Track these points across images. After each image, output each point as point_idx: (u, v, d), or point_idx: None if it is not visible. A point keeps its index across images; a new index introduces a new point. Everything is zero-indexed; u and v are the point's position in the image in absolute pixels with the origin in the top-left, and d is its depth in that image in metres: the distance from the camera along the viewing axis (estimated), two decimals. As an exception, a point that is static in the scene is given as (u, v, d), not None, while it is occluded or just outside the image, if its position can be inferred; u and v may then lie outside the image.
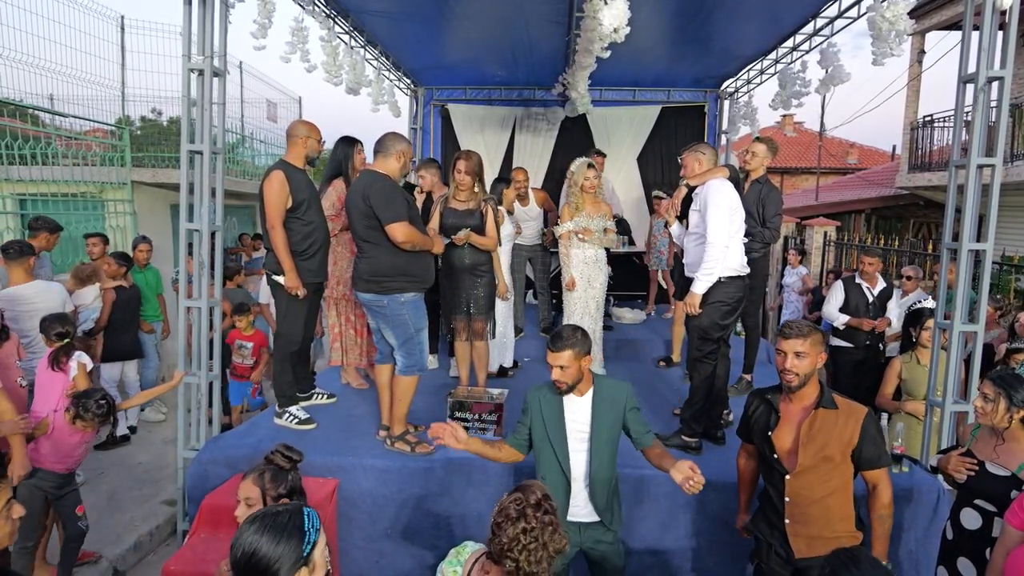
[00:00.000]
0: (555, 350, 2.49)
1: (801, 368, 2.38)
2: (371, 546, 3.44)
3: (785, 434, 2.47)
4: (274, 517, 1.49)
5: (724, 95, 7.95)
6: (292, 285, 3.64)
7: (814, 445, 2.39)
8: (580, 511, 2.61)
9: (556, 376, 2.51)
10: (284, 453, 2.18)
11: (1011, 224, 10.13)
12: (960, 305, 3.37)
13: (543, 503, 1.89)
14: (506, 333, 4.99)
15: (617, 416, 2.58)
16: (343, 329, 4.56)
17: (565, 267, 4.83)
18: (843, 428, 2.37)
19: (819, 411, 2.41)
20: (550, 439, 2.58)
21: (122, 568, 3.80)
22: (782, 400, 2.51)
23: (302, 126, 3.80)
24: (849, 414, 2.39)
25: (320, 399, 4.30)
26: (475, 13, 5.21)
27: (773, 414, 2.52)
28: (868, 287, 4.99)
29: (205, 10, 3.53)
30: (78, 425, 3.22)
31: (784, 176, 22.74)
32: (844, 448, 2.37)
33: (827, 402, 2.41)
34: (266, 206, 3.59)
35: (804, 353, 2.37)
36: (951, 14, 10.76)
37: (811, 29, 5.60)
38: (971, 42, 3.31)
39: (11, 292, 4.15)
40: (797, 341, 2.38)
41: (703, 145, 3.75)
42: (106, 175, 7.05)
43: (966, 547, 2.55)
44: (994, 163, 3.30)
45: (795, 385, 2.40)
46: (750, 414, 2.63)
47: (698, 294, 3.46)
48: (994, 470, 2.51)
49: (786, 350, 2.40)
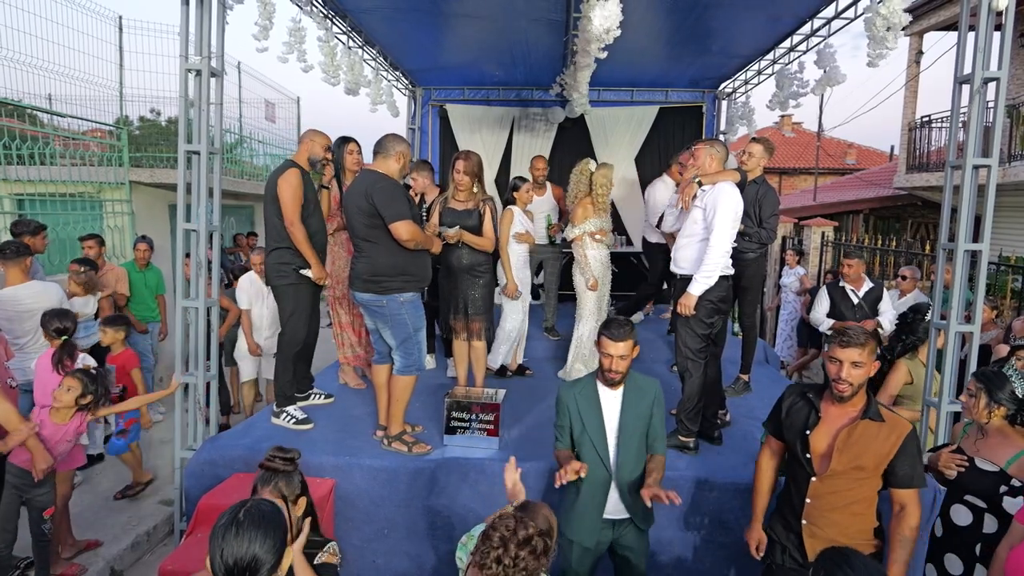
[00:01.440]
0: (615, 339, 2.48)
1: (856, 378, 2.27)
2: (368, 546, 3.44)
3: (822, 436, 2.37)
4: (259, 517, 1.57)
5: (722, 95, 7.96)
6: (320, 275, 3.83)
7: (850, 453, 2.30)
8: (612, 507, 2.62)
9: (614, 366, 2.51)
10: (281, 456, 2.17)
11: (1008, 225, 10.15)
12: (956, 306, 3.38)
13: (532, 540, 1.79)
14: (522, 330, 5.00)
15: (645, 409, 2.60)
16: (342, 329, 4.57)
17: (585, 268, 4.84)
18: (883, 442, 2.27)
19: (863, 421, 2.30)
20: (589, 434, 2.59)
21: (119, 568, 3.80)
22: (824, 401, 2.41)
23: (309, 131, 3.94)
24: (892, 428, 2.29)
25: (318, 399, 4.31)
26: (473, 13, 5.21)
27: (813, 413, 2.42)
28: (852, 289, 4.95)
29: (203, 11, 3.53)
30: (63, 379, 3.26)
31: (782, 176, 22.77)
32: (879, 461, 2.28)
33: (873, 414, 2.30)
34: (283, 203, 3.64)
35: (861, 363, 2.26)
36: (949, 15, 10.77)
37: (808, 30, 5.61)
38: (967, 43, 3.31)
39: (7, 293, 4.14)
40: (855, 350, 2.25)
41: (718, 143, 3.71)
42: (104, 175, 7.05)
43: (955, 543, 2.57)
44: (990, 164, 3.31)
45: (847, 395, 2.30)
46: (786, 409, 2.52)
47: (694, 295, 3.47)
48: (983, 466, 2.53)
49: (843, 359, 2.27)
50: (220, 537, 1.54)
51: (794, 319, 7.37)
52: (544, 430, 3.90)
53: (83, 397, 3.32)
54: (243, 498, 2.10)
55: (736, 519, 3.26)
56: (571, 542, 2.66)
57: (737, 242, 3.98)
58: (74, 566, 3.58)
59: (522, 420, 4.05)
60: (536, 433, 3.84)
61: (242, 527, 1.55)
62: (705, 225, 3.52)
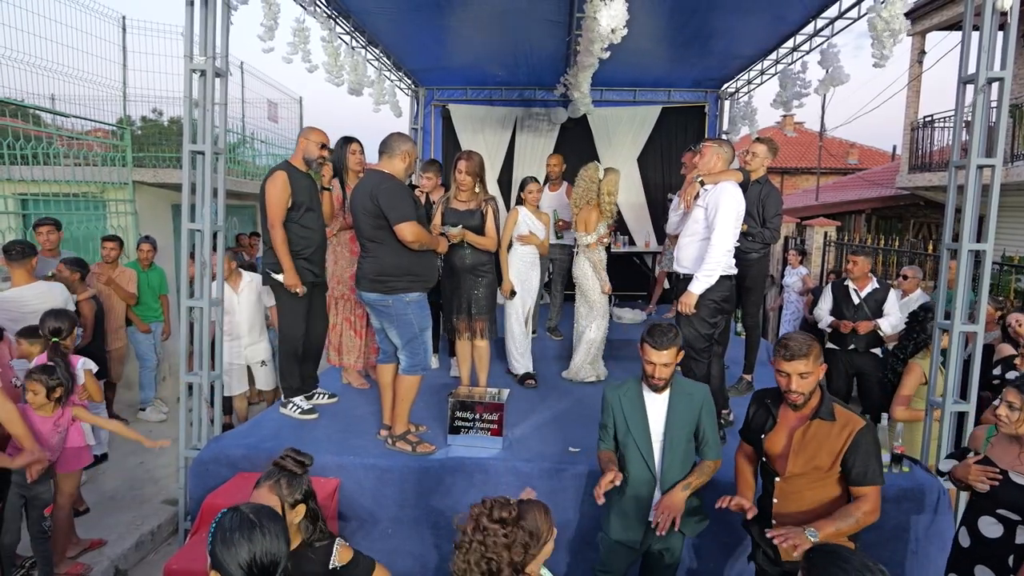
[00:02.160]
0: (659, 347, 2.49)
1: (806, 387, 2.30)
2: (372, 545, 3.44)
3: (778, 439, 2.43)
4: (270, 518, 1.62)
5: (724, 96, 7.96)
6: (291, 283, 3.75)
7: (805, 454, 2.34)
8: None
9: (657, 373, 2.52)
10: (295, 458, 2.17)
11: (1011, 225, 10.13)
12: (960, 305, 3.37)
13: (507, 521, 1.87)
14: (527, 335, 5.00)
15: (693, 415, 2.60)
16: (343, 329, 4.57)
17: (600, 272, 4.84)
18: (835, 439, 2.30)
19: (814, 421, 2.34)
20: (634, 437, 2.60)
21: (123, 567, 3.81)
22: (782, 405, 2.45)
23: (305, 129, 3.92)
24: (844, 425, 2.30)
25: (322, 399, 4.32)
26: (476, 14, 5.21)
27: (770, 418, 2.49)
28: (856, 289, 4.90)
29: (207, 11, 3.53)
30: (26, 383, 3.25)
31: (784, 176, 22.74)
32: (834, 459, 2.29)
33: (824, 413, 2.33)
34: (267, 205, 3.66)
35: (808, 373, 2.29)
36: (951, 14, 10.76)
37: (811, 30, 5.61)
38: (971, 43, 3.31)
39: (12, 294, 4.15)
40: (800, 362, 2.28)
41: (724, 143, 3.70)
42: (107, 175, 7.06)
43: (985, 555, 2.49)
44: (994, 164, 3.30)
45: (800, 403, 2.34)
46: (750, 416, 2.61)
47: (695, 293, 3.47)
48: (1019, 479, 2.43)
49: (789, 371, 2.30)
50: (232, 539, 1.54)
51: (797, 319, 7.36)
52: (548, 430, 3.91)
53: (52, 392, 3.31)
54: (247, 497, 2.12)
55: (738, 518, 3.24)
56: (614, 542, 2.68)
57: (740, 242, 3.98)
58: (79, 565, 3.59)
59: (526, 420, 4.05)
60: (540, 433, 3.85)
61: (256, 527, 1.57)
62: (707, 224, 3.52)
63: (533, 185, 4.91)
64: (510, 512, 1.89)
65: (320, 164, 3.95)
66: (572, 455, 3.52)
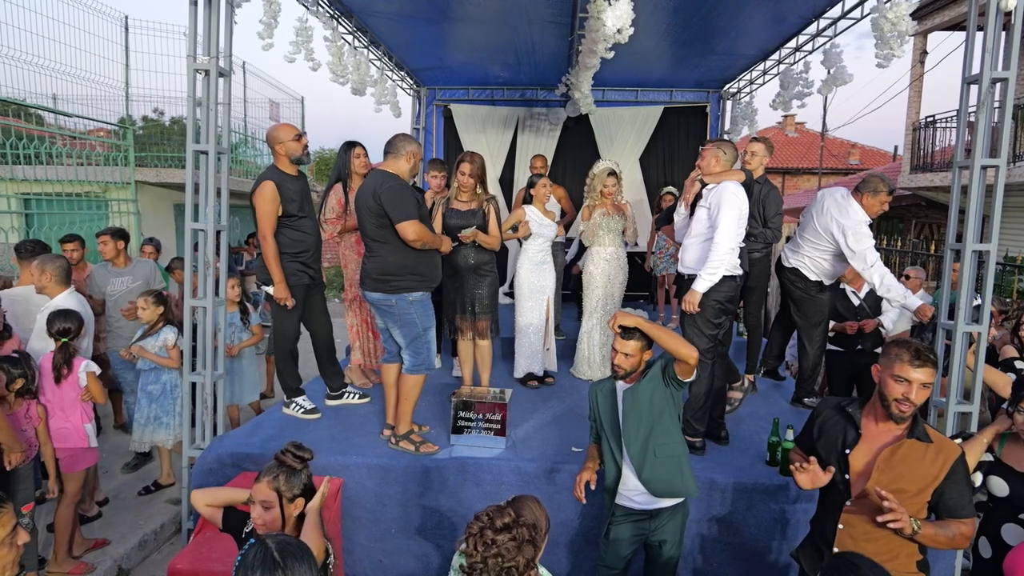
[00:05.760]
0: (625, 338, 2.60)
1: (921, 400, 2.06)
2: (375, 545, 3.45)
3: (862, 455, 2.17)
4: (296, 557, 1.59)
5: (726, 96, 7.96)
6: (280, 296, 3.76)
7: (891, 473, 2.09)
8: (638, 498, 2.64)
9: (618, 361, 2.62)
10: (295, 453, 2.18)
11: (1014, 225, 10.13)
12: (964, 306, 3.37)
13: (511, 527, 1.89)
14: (550, 334, 5.00)
15: (656, 384, 2.61)
16: (361, 329, 4.58)
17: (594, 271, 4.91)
18: (930, 464, 2.07)
19: (908, 441, 2.10)
20: (606, 430, 2.71)
21: (127, 566, 3.81)
22: (865, 417, 2.21)
23: (275, 131, 3.80)
24: (939, 450, 2.08)
25: (352, 399, 4.30)
26: (478, 14, 5.21)
27: (852, 431, 2.22)
28: (854, 291, 4.90)
29: (210, 11, 3.54)
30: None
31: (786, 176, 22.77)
32: (923, 485, 2.06)
33: (920, 434, 2.09)
34: (258, 216, 3.67)
35: (929, 384, 2.06)
36: (954, 14, 10.76)
37: (814, 30, 5.61)
38: (975, 43, 3.31)
39: (20, 291, 4.16)
40: (930, 371, 2.04)
41: (727, 144, 3.70)
42: (110, 175, 7.08)
43: None
44: (998, 164, 3.30)
45: (907, 416, 2.08)
46: (819, 425, 2.33)
47: (699, 292, 3.47)
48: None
49: (912, 380, 2.04)
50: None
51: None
52: (550, 430, 3.91)
53: (13, 383, 3.20)
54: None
55: (743, 519, 3.26)
56: (609, 539, 2.72)
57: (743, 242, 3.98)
58: (82, 564, 3.60)
59: (529, 420, 4.05)
60: (543, 433, 3.85)
61: (278, 568, 1.54)
62: (710, 224, 3.52)
63: (543, 182, 4.91)
64: (509, 515, 1.93)
65: (308, 154, 3.87)
66: (575, 455, 3.52)
